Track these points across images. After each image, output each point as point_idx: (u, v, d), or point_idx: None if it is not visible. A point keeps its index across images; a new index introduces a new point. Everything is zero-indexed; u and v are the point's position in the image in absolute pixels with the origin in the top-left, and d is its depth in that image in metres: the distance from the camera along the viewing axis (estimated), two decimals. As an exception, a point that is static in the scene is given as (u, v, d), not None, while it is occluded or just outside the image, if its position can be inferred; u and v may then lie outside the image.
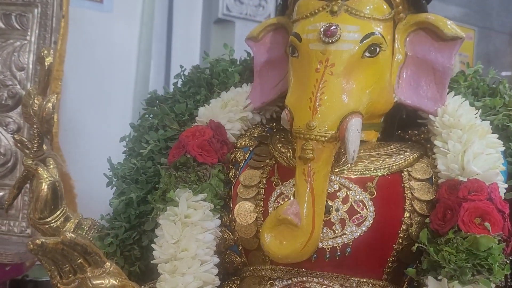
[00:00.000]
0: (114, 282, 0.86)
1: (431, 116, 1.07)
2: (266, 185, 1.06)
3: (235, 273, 1.11)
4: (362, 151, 1.07)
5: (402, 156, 1.06)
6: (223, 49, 1.34)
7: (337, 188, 1.01)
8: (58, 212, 1.15)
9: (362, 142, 1.09)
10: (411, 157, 1.06)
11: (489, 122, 1.06)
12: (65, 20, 1.71)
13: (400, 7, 1.07)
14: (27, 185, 1.24)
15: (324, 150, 0.95)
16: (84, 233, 1.19)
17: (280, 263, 1.01)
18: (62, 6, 1.70)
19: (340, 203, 1.00)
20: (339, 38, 0.99)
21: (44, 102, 1.17)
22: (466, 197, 0.92)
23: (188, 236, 0.99)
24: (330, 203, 0.99)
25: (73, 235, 0.84)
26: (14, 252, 1.60)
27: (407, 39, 1.10)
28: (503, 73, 3.88)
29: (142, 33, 2.62)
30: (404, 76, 1.10)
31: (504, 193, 1.00)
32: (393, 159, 1.05)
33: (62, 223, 1.16)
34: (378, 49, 1.01)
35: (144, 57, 2.60)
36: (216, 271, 1.00)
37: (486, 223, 0.88)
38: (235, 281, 1.08)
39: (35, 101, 1.17)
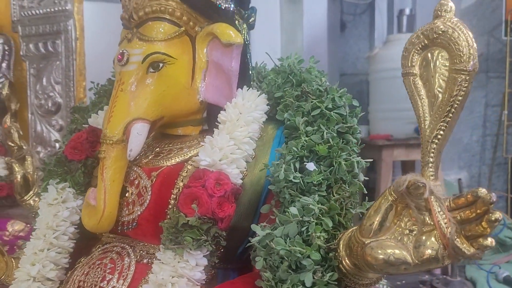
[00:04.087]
0: None
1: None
2: None
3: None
4: (170, 145, 1.33)
5: (193, 148, 1.28)
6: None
7: (135, 177, 1.29)
8: (31, 193, 1.68)
9: (179, 136, 1.35)
10: (199, 148, 1.28)
11: (253, 116, 1.24)
12: (79, 41, 2.22)
13: (191, 23, 1.26)
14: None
15: (114, 150, 1.23)
16: None
17: (112, 231, 1.33)
18: (77, 31, 2.22)
19: (134, 188, 1.28)
20: (127, 61, 1.24)
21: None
22: (189, 184, 1.15)
23: (50, 213, 1.40)
24: (128, 188, 1.28)
25: None
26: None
27: (208, 47, 1.29)
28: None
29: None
30: (207, 79, 1.30)
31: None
32: (184, 151, 1.29)
33: (34, 200, 1.69)
34: (161, 64, 1.24)
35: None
36: (66, 237, 1.39)
37: (193, 205, 1.11)
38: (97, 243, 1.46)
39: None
